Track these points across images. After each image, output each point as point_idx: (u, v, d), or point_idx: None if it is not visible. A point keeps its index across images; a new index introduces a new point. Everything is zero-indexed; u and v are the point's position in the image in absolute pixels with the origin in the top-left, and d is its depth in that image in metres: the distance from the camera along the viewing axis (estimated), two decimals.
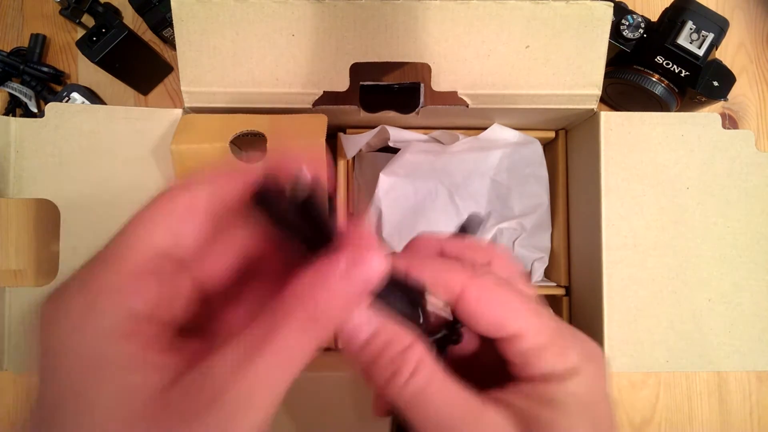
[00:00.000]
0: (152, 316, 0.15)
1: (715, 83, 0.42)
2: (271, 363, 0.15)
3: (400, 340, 0.17)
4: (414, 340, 0.18)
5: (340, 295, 0.15)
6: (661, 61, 0.42)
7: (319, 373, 0.33)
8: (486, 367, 0.20)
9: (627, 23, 0.42)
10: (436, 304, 0.20)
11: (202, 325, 0.17)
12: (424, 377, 0.17)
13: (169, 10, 0.32)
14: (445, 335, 0.20)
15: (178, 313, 0.16)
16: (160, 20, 0.45)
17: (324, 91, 0.33)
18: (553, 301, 0.41)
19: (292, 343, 0.15)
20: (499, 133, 0.40)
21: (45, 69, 0.48)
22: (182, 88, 0.33)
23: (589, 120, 0.35)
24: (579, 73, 0.33)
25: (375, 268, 0.16)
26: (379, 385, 0.17)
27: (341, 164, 0.41)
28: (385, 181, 0.40)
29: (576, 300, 0.39)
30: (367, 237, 0.16)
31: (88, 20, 0.48)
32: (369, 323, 0.17)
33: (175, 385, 0.14)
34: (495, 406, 0.17)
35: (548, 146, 0.43)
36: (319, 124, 0.33)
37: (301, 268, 0.16)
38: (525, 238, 0.42)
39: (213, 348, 0.15)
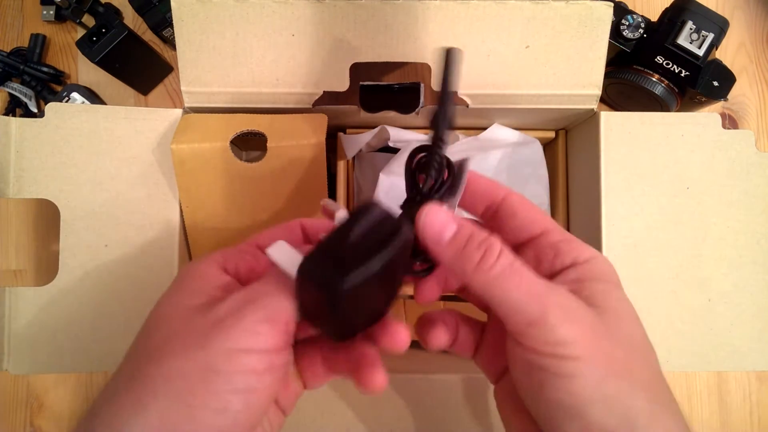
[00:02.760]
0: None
1: (715, 83, 0.42)
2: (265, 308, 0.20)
3: (480, 232, 0.21)
4: (489, 233, 0.21)
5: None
6: (661, 61, 0.42)
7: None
8: None
9: (627, 23, 0.42)
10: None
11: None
12: (507, 259, 0.20)
13: (169, 10, 0.32)
14: None
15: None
16: (160, 20, 0.45)
17: (324, 91, 0.33)
18: None
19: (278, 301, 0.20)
20: (499, 133, 0.40)
21: (45, 69, 0.48)
22: (182, 88, 0.33)
23: (589, 120, 0.35)
24: (579, 73, 0.33)
25: None
26: (466, 270, 0.20)
27: (341, 164, 0.40)
28: (385, 181, 0.40)
29: None
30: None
31: (89, 20, 0.48)
32: (451, 222, 0.21)
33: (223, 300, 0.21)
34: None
35: (548, 146, 0.43)
36: (319, 124, 0.33)
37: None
38: None
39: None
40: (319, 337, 0.24)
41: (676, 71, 0.41)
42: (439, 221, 0.21)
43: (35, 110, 0.48)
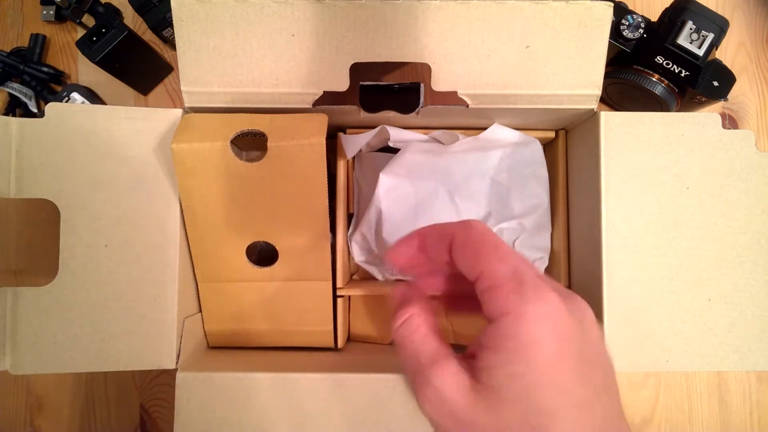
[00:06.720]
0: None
1: (715, 83, 0.42)
2: None
3: (405, 304, 0.25)
4: (415, 300, 0.25)
5: None
6: (661, 61, 0.42)
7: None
8: None
9: (627, 23, 0.42)
10: None
11: None
12: (410, 326, 0.24)
13: (169, 10, 0.32)
14: None
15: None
16: (160, 20, 0.45)
17: (324, 91, 0.33)
18: None
19: None
20: (499, 133, 0.40)
21: (45, 69, 0.48)
22: (182, 88, 0.33)
23: (589, 120, 0.35)
24: (579, 73, 0.33)
25: None
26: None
27: (341, 164, 0.41)
28: (385, 181, 0.40)
29: None
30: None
31: (89, 20, 0.48)
32: (397, 293, 0.26)
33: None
34: (461, 358, 0.23)
35: (548, 146, 0.43)
36: (319, 124, 0.33)
37: None
38: (525, 238, 0.42)
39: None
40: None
41: (676, 71, 0.41)
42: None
43: (35, 110, 0.48)
